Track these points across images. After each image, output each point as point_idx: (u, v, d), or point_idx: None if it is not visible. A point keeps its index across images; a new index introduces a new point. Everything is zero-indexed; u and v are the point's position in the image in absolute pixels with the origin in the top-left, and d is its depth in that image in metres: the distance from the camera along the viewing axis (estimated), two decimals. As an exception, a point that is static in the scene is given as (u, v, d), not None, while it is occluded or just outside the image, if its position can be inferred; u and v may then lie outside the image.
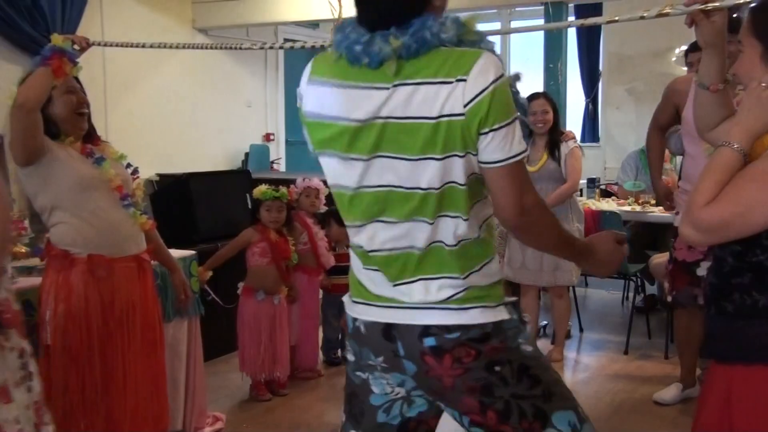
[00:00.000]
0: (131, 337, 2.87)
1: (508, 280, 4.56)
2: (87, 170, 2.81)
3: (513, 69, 8.85)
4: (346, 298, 1.83)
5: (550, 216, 1.72)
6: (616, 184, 6.41)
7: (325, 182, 4.63)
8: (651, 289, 5.79)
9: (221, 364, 4.67)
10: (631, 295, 5.70)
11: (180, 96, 8.02)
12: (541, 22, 7.13)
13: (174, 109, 7.96)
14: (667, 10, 1.94)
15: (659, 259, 4.93)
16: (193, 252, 3.89)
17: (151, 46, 3.10)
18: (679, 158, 5.42)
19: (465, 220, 1.63)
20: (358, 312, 1.76)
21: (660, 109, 4.05)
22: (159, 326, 3.05)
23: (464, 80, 1.53)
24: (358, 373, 1.79)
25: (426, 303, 1.66)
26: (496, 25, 9.57)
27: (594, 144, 9.33)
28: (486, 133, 1.55)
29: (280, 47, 3.10)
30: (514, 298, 1.73)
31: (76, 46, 2.78)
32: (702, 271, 3.59)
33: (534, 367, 1.69)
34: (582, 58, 9.30)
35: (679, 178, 4.11)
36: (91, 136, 2.95)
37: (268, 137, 9.24)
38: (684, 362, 4.10)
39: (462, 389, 1.66)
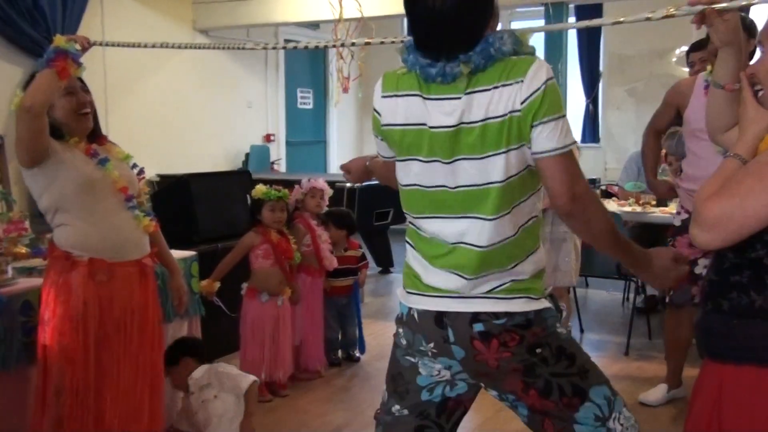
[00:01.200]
0: (127, 342, 2.86)
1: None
2: (90, 171, 2.79)
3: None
4: (400, 290, 1.99)
5: (600, 206, 1.88)
6: (616, 184, 6.41)
7: (329, 182, 4.68)
8: (651, 290, 5.79)
9: (222, 364, 4.66)
10: (631, 295, 5.69)
11: (180, 97, 8.03)
12: (541, 22, 7.14)
13: (174, 109, 7.98)
14: (672, 12, 1.94)
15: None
16: (193, 253, 3.89)
17: (153, 46, 3.09)
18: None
19: (509, 213, 1.81)
20: (412, 302, 1.93)
21: (659, 113, 4.03)
22: (158, 332, 3.03)
23: (521, 81, 1.73)
24: (408, 357, 1.96)
25: (476, 294, 1.84)
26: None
27: (594, 144, 9.34)
28: (537, 125, 1.74)
29: (283, 47, 3.09)
30: (550, 290, 1.92)
31: (77, 46, 2.74)
32: (700, 268, 3.60)
33: (569, 348, 1.89)
34: (582, 58, 9.31)
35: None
36: (96, 136, 2.94)
37: (268, 138, 9.26)
38: (670, 363, 4.12)
39: (507, 370, 1.85)
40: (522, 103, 1.73)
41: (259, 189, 4.22)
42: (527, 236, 1.86)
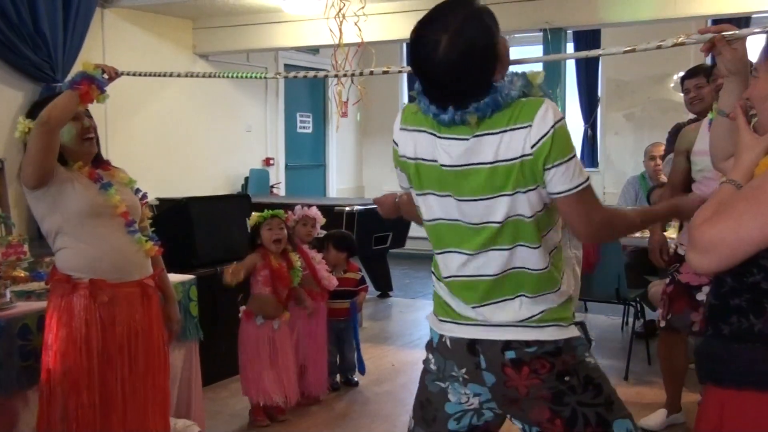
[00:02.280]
0: (132, 363, 2.86)
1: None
2: (93, 196, 2.81)
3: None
4: (431, 317, 2.04)
5: (618, 225, 2.02)
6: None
7: (328, 206, 4.65)
8: (651, 315, 5.78)
9: (220, 389, 4.65)
10: (630, 320, 5.68)
11: (180, 121, 8.06)
12: (540, 47, 7.18)
13: (174, 133, 8.00)
14: (683, 40, 1.97)
15: (658, 286, 4.93)
16: (192, 276, 3.88)
17: (179, 75, 3.19)
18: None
19: (537, 248, 1.87)
20: (445, 329, 1.97)
21: (673, 169, 3.98)
22: (163, 352, 3.02)
23: (530, 126, 1.78)
24: (438, 383, 1.99)
25: (507, 322, 1.89)
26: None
27: (593, 169, 9.37)
28: (550, 168, 1.80)
29: (304, 77, 3.14)
30: (581, 320, 1.88)
31: (105, 75, 2.82)
32: (702, 295, 3.58)
33: (597, 377, 1.93)
34: (581, 83, 9.36)
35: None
36: (100, 161, 2.96)
37: (267, 162, 9.28)
38: (668, 389, 4.11)
39: (535, 397, 1.89)
40: (532, 147, 1.78)
41: (254, 216, 4.23)
42: (551, 267, 1.91)
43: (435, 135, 1.87)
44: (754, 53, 1.88)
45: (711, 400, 1.70)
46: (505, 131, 1.79)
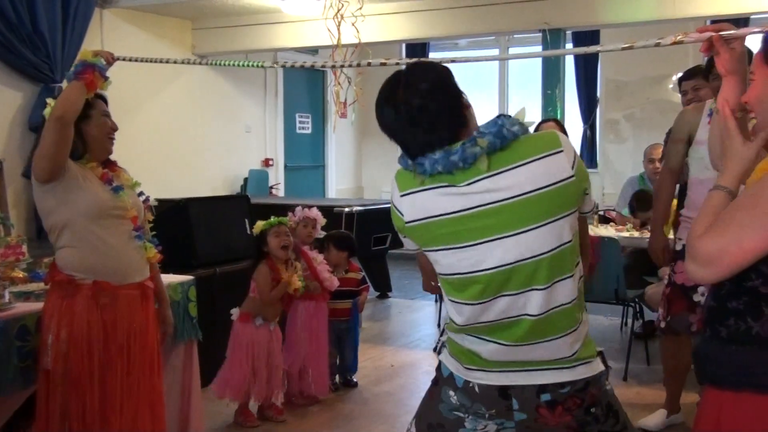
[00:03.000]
0: (130, 364, 2.86)
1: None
2: (104, 198, 2.82)
3: (511, 94, 8.85)
4: (449, 360, 1.98)
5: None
6: (614, 210, 6.43)
7: (327, 207, 4.64)
8: (650, 315, 5.78)
9: (219, 389, 4.64)
10: (629, 321, 5.68)
11: (179, 121, 8.06)
12: (539, 48, 7.18)
13: (173, 134, 8.00)
14: (681, 38, 1.97)
15: (655, 288, 4.93)
16: (191, 277, 3.88)
17: (175, 62, 3.18)
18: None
19: (571, 277, 1.86)
20: (473, 377, 1.93)
21: (671, 149, 3.92)
22: (158, 353, 3.03)
23: (561, 150, 1.82)
24: (456, 413, 1.96)
25: (543, 361, 1.88)
26: (494, 51, 9.62)
27: (592, 170, 9.37)
28: (587, 189, 1.90)
29: (301, 67, 3.16)
30: (601, 349, 1.99)
31: (103, 61, 2.83)
32: (698, 296, 3.59)
33: (615, 404, 1.97)
34: (580, 84, 9.35)
35: (682, 206, 4.03)
36: (107, 161, 2.96)
37: (267, 162, 9.28)
38: (669, 389, 4.12)
39: (561, 429, 1.92)
40: (572, 168, 1.82)
41: (260, 223, 4.21)
42: (579, 296, 1.91)
43: (454, 185, 1.83)
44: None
45: (709, 401, 1.71)
46: (534, 160, 1.80)
